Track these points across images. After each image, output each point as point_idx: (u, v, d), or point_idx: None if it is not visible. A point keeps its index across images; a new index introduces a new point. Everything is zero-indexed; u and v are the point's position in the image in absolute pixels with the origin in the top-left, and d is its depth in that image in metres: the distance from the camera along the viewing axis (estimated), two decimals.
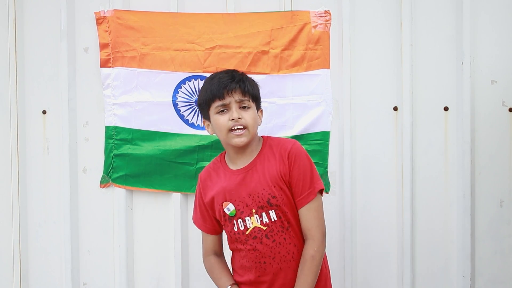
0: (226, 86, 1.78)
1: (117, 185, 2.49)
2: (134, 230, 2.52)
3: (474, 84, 2.25)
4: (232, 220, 1.83)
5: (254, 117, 1.81)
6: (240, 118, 1.77)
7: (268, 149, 1.85)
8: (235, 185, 1.82)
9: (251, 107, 1.81)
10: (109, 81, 2.46)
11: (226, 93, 1.77)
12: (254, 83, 1.87)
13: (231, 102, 1.78)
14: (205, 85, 1.85)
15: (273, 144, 1.86)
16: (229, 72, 1.84)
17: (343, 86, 2.34)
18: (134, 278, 2.53)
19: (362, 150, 2.35)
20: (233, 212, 1.82)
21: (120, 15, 2.44)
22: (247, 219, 1.80)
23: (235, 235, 1.83)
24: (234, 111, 1.77)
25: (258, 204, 1.79)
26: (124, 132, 2.46)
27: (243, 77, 1.83)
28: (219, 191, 1.84)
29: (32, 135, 2.58)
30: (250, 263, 1.82)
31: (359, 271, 2.37)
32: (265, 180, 1.80)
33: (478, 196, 2.28)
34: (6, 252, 2.61)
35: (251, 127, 1.79)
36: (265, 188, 1.79)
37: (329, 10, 2.33)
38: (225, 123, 1.78)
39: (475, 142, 2.27)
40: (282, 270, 1.80)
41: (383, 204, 2.34)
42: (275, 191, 1.79)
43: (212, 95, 1.79)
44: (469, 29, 2.23)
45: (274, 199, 1.79)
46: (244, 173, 1.83)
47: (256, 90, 1.85)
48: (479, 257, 2.29)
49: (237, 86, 1.78)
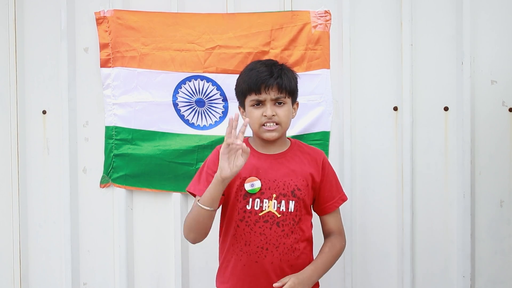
0: (263, 82, 1.77)
1: (117, 185, 2.49)
2: (134, 230, 2.52)
3: (474, 84, 2.25)
4: (248, 198, 1.81)
5: (287, 114, 1.82)
6: (273, 115, 1.78)
7: (298, 149, 1.90)
8: (264, 166, 1.82)
9: (287, 103, 1.82)
10: (109, 81, 2.46)
11: (263, 89, 1.78)
12: (293, 76, 1.86)
13: (266, 99, 1.79)
14: (243, 75, 1.85)
15: (303, 146, 1.93)
16: (268, 65, 1.83)
17: (343, 86, 2.34)
18: (134, 278, 2.53)
19: (362, 150, 2.35)
20: (256, 190, 1.80)
21: (120, 15, 2.44)
22: (265, 201, 1.80)
23: (245, 213, 1.81)
24: (268, 108, 1.78)
25: (282, 191, 1.80)
26: (124, 132, 2.46)
27: (281, 72, 1.82)
28: (246, 166, 1.77)
29: (32, 135, 2.58)
30: (252, 248, 1.79)
31: (359, 271, 2.37)
32: (295, 172, 1.83)
33: (478, 196, 2.28)
34: (6, 252, 2.61)
35: (284, 124, 1.82)
36: (293, 179, 1.82)
37: (329, 10, 2.33)
38: (258, 117, 1.79)
39: (475, 142, 2.27)
40: (281, 262, 1.80)
41: (383, 204, 2.34)
42: (302, 185, 1.83)
43: (248, 88, 1.80)
44: (469, 29, 2.23)
45: (299, 191, 1.82)
46: (274, 159, 1.85)
47: (294, 84, 1.85)
48: (479, 257, 2.29)
49: (274, 83, 1.78)
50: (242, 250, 1.81)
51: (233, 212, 1.83)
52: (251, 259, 1.81)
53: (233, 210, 1.83)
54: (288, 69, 1.87)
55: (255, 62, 1.90)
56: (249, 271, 1.81)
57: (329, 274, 2.36)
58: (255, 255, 1.80)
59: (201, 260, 2.46)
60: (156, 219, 2.50)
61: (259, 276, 1.81)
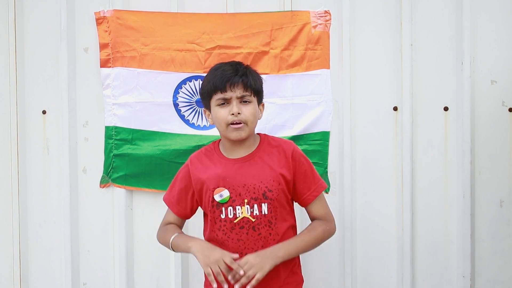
0: (228, 80, 1.77)
1: (117, 185, 2.49)
2: (134, 230, 2.52)
3: (474, 84, 2.25)
4: (221, 207, 1.81)
5: (253, 113, 1.81)
6: (239, 113, 1.77)
7: (267, 146, 1.87)
8: (231, 173, 1.82)
9: (252, 102, 1.81)
10: (109, 81, 2.46)
11: (228, 87, 1.77)
12: (258, 77, 1.86)
13: (232, 97, 1.78)
14: (208, 75, 1.84)
15: (272, 141, 1.89)
16: (233, 65, 1.83)
17: (343, 86, 2.34)
18: (134, 278, 2.53)
19: (362, 150, 2.35)
20: (225, 199, 1.80)
21: (120, 15, 2.44)
22: (237, 208, 1.80)
23: (220, 222, 1.81)
24: (234, 106, 1.77)
25: (252, 195, 1.79)
26: (124, 132, 2.46)
27: (246, 70, 1.82)
28: (212, 177, 1.82)
29: (32, 135, 2.58)
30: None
31: (359, 271, 2.37)
32: (263, 173, 1.81)
33: (478, 196, 2.28)
34: (6, 252, 2.61)
35: (250, 123, 1.80)
36: (262, 181, 1.80)
37: (329, 10, 2.33)
38: (225, 116, 1.78)
39: (475, 142, 2.27)
40: None
41: (383, 204, 2.34)
42: (273, 185, 1.80)
43: (214, 87, 1.79)
44: (469, 29, 2.23)
45: (270, 192, 1.80)
46: (241, 163, 1.83)
47: (258, 84, 1.85)
48: (479, 257, 2.29)
49: (239, 81, 1.77)
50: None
51: (211, 221, 1.85)
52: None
53: (211, 219, 1.85)
54: (252, 69, 1.87)
55: (220, 63, 1.88)
56: None
57: (329, 274, 2.36)
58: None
59: None
60: (156, 219, 2.47)
61: None
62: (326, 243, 1.89)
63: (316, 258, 2.33)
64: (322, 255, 2.35)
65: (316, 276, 2.38)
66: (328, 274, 2.38)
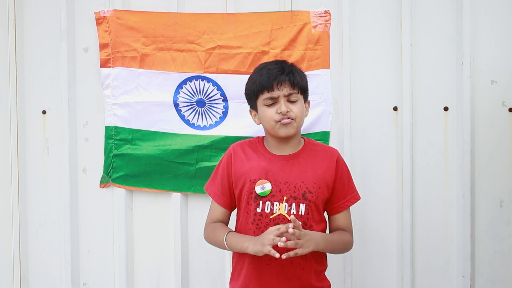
0: (276, 78, 1.77)
1: (117, 185, 2.49)
2: (134, 230, 2.52)
3: (474, 84, 2.25)
4: (259, 200, 1.80)
5: (301, 110, 1.82)
6: (288, 111, 1.77)
7: (312, 148, 1.88)
8: (275, 168, 1.81)
9: (299, 99, 1.82)
10: (109, 81, 2.46)
11: (276, 86, 1.77)
12: (303, 74, 1.86)
13: (279, 96, 1.78)
14: (254, 75, 1.84)
15: (317, 145, 1.92)
16: (278, 63, 1.83)
17: (343, 86, 2.34)
18: (134, 278, 2.53)
19: (362, 150, 2.34)
20: (266, 193, 1.79)
21: (120, 15, 2.44)
22: (275, 204, 1.79)
23: (255, 216, 1.80)
24: (282, 105, 1.77)
25: (292, 194, 1.79)
26: (124, 132, 2.47)
27: (292, 68, 1.82)
28: (256, 168, 1.81)
29: (32, 135, 2.58)
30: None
31: (359, 271, 2.37)
32: (306, 174, 1.82)
33: (478, 196, 2.28)
34: (6, 252, 2.61)
35: (299, 120, 1.81)
36: (304, 182, 1.80)
37: (329, 10, 2.33)
38: (273, 115, 1.78)
39: (475, 142, 2.27)
40: (292, 265, 1.79)
41: (383, 204, 2.34)
42: (313, 188, 1.81)
43: (261, 86, 1.79)
44: (469, 29, 2.23)
45: (310, 194, 1.80)
46: (286, 160, 1.83)
47: (304, 81, 1.85)
48: (479, 257, 2.29)
49: (286, 79, 1.77)
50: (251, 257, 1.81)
51: (245, 214, 1.84)
52: (263, 261, 1.80)
53: (245, 212, 1.84)
54: (297, 67, 1.88)
55: (264, 63, 1.89)
56: (260, 273, 1.81)
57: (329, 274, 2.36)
58: (266, 257, 1.76)
59: (201, 260, 2.47)
60: (156, 219, 2.50)
61: (269, 278, 1.80)
62: None
63: None
64: None
65: None
66: (328, 274, 2.38)
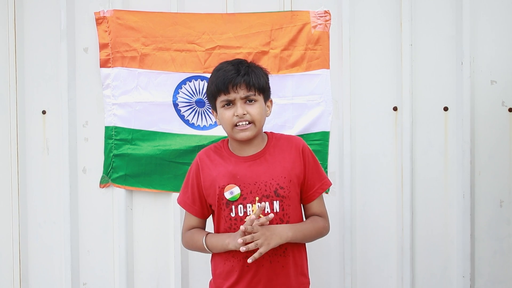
0: (230, 81, 1.73)
1: (117, 185, 2.49)
2: (134, 230, 2.52)
3: (474, 84, 2.25)
4: (231, 205, 1.78)
5: (260, 111, 1.78)
6: (245, 114, 1.75)
7: (276, 143, 1.85)
8: (241, 170, 1.79)
9: (258, 100, 1.78)
10: (109, 81, 2.46)
11: (231, 88, 1.74)
12: (262, 73, 1.81)
13: (236, 98, 1.75)
14: (211, 77, 1.81)
15: (281, 138, 1.87)
16: (235, 64, 1.78)
17: (343, 86, 2.34)
18: (134, 278, 2.53)
19: (362, 150, 2.34)
20: (236, 197, 1.77)
21: (120, 15, 2.44)
22: (248, 206, 1.77)
23: (231, 221, 1.79)
24: (238, 107, 1.74)
25: (264, 193, 1.77)
26: (123, 132, 2.47)
27: (249, 69, 1.77)
28: (223, 174, 1.78)
29: (32, 135, 2.58)
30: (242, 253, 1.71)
31: (359, 271, 2.37)
32: (275, 170, 1.79)
33: (478, 196, 2.28)
34: (6, 252, 2.61)
35: (257, 122, 1.77)
36: (274, 178, 1.78)
37: (328, 10, 2.33)
38: (230, 118, 1.76)
39: (475, 142, 2.27)
40: (272, 264, 1.78)
41: (383, 204, 2.34)
42: (284, 182, 1.78)
43: (217, 89, 1.76)
44: (469, 29, 2.23)
45: (282, 190, 1.78)
46: (251, 161, 1.81)
47: (263, 81, 1.80)
48: (479, 257, 2.29)
49: (242, 81, 1.74)
50: (234, 256, 1.79)
51: (220, 220, 1.82)
52: (242, 264, 1.78)
53: (219, 218, 1.82)
54: (256, 66, 1.82)
55: (222, 63, 1.84)
56: (242, 276, 1.79)
57: (329, 274, 2.37)
58: (245, 259, 1.74)
59: (201, 260, 2.46)
60: (156, 219, 2.50)
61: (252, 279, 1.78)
62: (326, 242, 1.90)
63: (316, 258, 2.32)
64: (322, 255, 2.35)
65: (316, 276, 2.37)
66: (328, 274, 2.38)
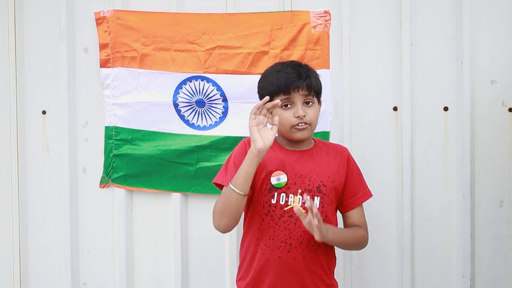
0: (293, 83, 1.78)
1: (117, 185, 2.49)
2: (134, 230, 2.52)
3: (474, 84, 2.25)
4: (273, 192, 1.80)
5: (316, 114, 1.84)
6: (305, 115, 1.79)
7: (323, 146, 1.91)
8: (290, 161, 1.82)
9: (315, 103, 1.83)
10: (109, 81, 2.46)
11: (293, 90, 1.78)
12: (318, 77, 1.88)
13: (297, 100, 1.79)
14: (271, 77, 1.83)
15: (328, 144, 1.96)
16: (295, 67, 1.83)
17: (343, 86, 2.34)
18: (134, 278, 2.53)
19: (362, 150, 2.34)
20: (282, 184, 1.80)
21: (120, 15, 2.44)
22: (290, 196, 1.80)
23: (270, 207, 1.80)
24: (299, 109, 1.78)
25: (307, 187, 1.80)
26: (124, 132, 2.47)
27: (308, 72, 1.83)
28: (273, 159, 1.81)
29: (32, 135, 2.58)
30: (275, 242, 1.77)
31: (359, 271, 2.37)
32: (320, 168, 1.84)
33: (478, 196, 2.28)
34: (6, 252, 2.61)
35: (314, 123, 1.83)
36: (318, 175, 1.83)
37: (328, 10, 2.33)
38: (290, 119, 1.79)
39: (475, 142, 2.27)
40: (305, 258, 1.79)
41: (383, 204, 2.34)
42: (327, 182, 1.83)
43: (278, 89, 1.79)
44: (469, 29, 2.23)
45: (324, 187, 1.82)
46: (301, 154, 1.85)
47: (319, 84, 1.86)
48: (479, 257, 2.29)
49: (304, 84, 1.79)
50: (267, 244, 1.80)
51: (257, 206, 1.82)
52: (275, 254, 1.79)
53: (257, 203, 1.82)
54: (312, 70, 1.88)
55: (279, 64, 1.88)
56: (272, 266, 1.80)
57: None
58: (278, 250, 1.78)
59: (201, 260, 2.47)
60: (156, 219, 2.50)
61: (281, 271, 1.79)
62: None
63: None
64: None
65: None
66: None
